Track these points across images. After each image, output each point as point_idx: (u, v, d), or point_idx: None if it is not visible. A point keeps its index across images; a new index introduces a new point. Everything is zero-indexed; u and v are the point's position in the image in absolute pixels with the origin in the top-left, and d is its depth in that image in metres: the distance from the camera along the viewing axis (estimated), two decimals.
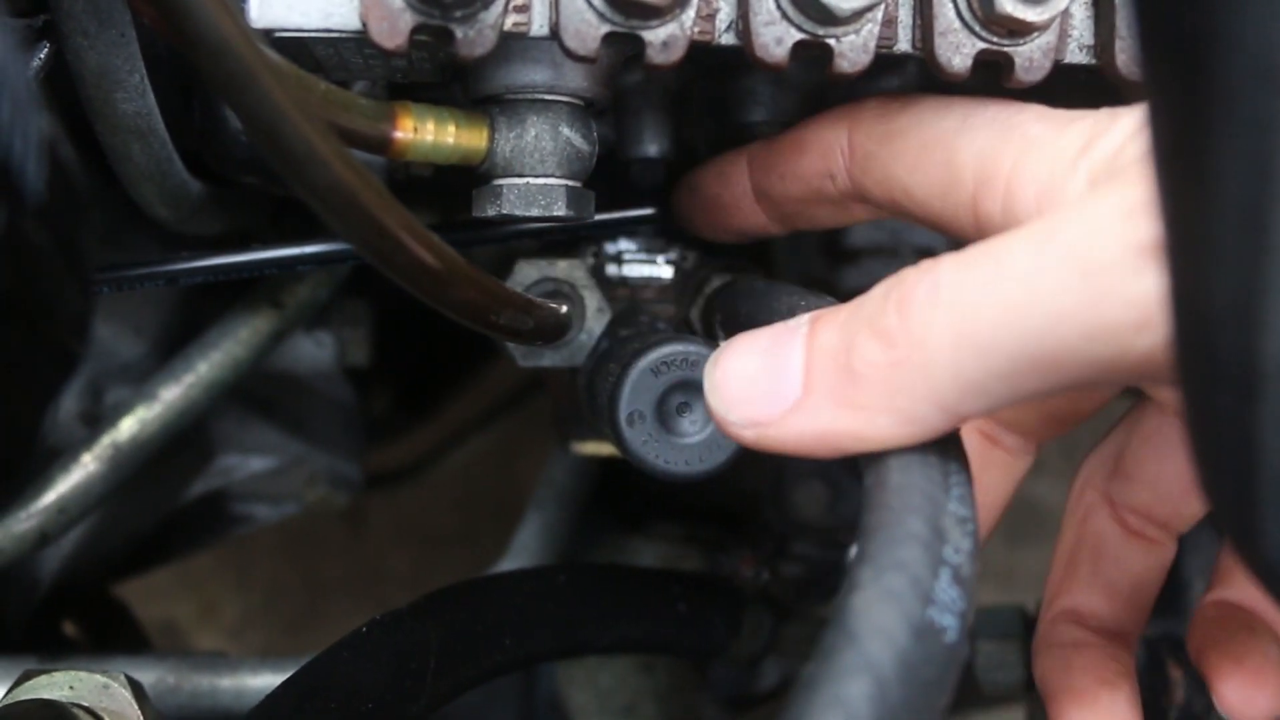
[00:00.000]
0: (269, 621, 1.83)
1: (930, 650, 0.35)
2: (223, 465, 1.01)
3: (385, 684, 0.65)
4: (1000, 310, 0.41)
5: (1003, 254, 0.42)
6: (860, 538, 0.39)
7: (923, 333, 0.42)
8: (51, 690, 0.64)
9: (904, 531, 0.38)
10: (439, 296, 0.50)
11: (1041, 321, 0.40)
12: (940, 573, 0.37)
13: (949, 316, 0.42)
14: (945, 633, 0.36)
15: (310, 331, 1.01)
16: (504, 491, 1.68)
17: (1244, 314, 0.29)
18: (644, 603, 0.80)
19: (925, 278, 0.43)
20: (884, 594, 0.36)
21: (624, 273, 0.75)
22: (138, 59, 0.60)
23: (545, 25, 0.54)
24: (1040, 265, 0.40)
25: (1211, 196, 0.28)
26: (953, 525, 0.39)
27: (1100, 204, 0.40)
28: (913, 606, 0.36)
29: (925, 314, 0.43)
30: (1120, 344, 0.39)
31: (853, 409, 0.44)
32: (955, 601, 0.37)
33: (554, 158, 0.59)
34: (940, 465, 0.42)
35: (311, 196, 0.43)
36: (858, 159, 0.59)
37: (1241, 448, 0.31)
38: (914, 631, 0.35)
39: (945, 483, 0.41)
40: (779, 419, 0.46)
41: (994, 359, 0.41)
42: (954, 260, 0.43)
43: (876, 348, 0.43)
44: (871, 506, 0.41)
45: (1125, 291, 0.38)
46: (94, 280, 0.68)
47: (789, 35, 0.55)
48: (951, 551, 0.38)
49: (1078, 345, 0.40)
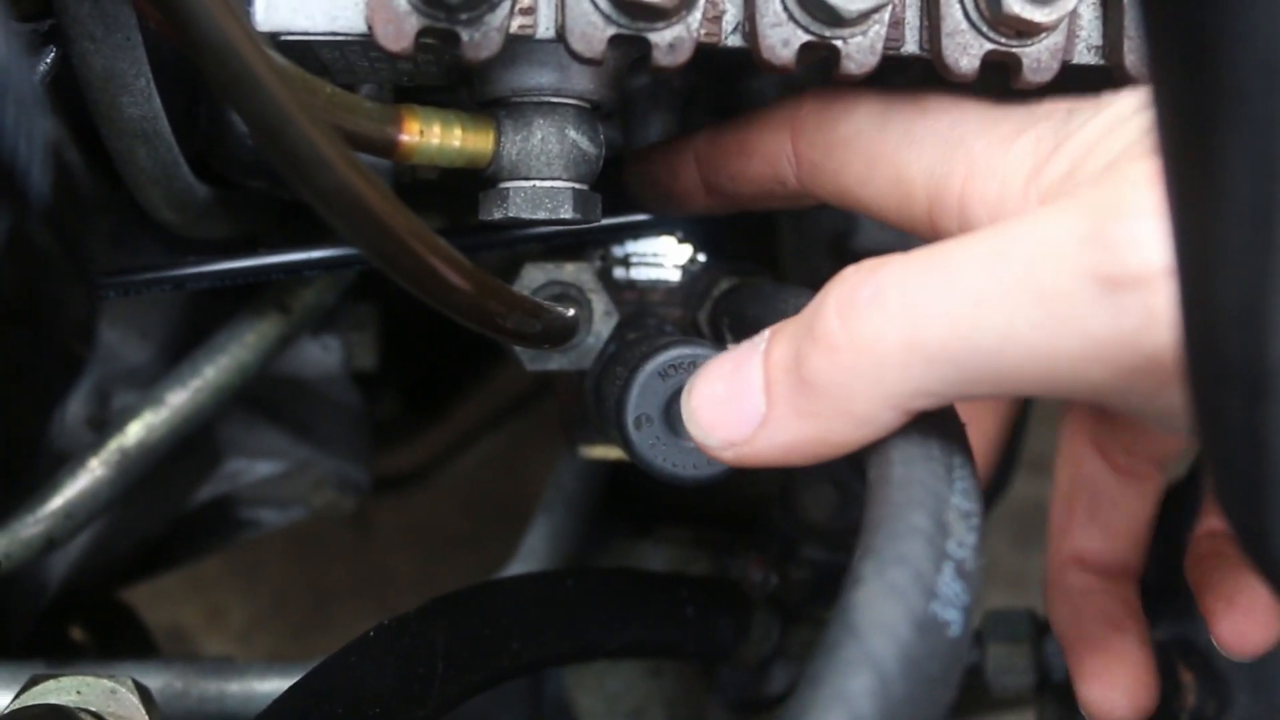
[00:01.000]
0: (276, 626, 1.83)
1: (933, 645, 0.35)
2: (230, 470, 1.01)
3: (392, 688, 0.65)
4: (951, 323, 0.41)
5: (954, 265, 0.42)
6: (863, 533, 0.39)
7: (869, 337, 0.43)
8: (59, 695, 0.64)
9: (907, 526, 0.38)
10: (445, 300, 0.50)
11: (994, 340, 0.41)
12: (943, 567, 0.37)
13: (896, 323, 0.42)
14: (948, 627, 0.36)
15: (317, 336, 1.01)
16: (511, 495, 1.68)
17: (1252, 316, 0.29)
18: (652, 607, 0.80)
19: (869, 280, 0.44)
20: (886, 588, 0.36)
21: (631, 276, 0.75)
22: (144, 63, 0.60)
23: (551, 28, 0.54)
24: (994, 285, 0.41)
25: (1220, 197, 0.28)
26: (956, 519, 0.39)
27: (1054, 227, 0.41)
28: (915, 601, 0.35)
29: (870, 319, 0.43)
30: (1074, 373, 0.40)
31: (811, 418, 0.45)
32: (959, 596, 0.36)
33: (560, 160, 0.59)
34: (944, 459, 0.42)
35: (317, 200, 0.42)
36: (805, 168, 0.60)
37: (1250, 450, 0.31)
38: (917, 626, 0.35)
39: (949, 477, 0.41)
40: (751, 437, 0.47)
41: (943, 368, 0.42)
42: (901, 264, 0.43)
43: (822, 357, 0.44)
44: (874, 502, 0.40)
45: (1082, 324, 0.39)
46: (100, 284, 0.68)
47: (796, 37, 0.55)
48: (955, 545, 0.38)
49: (1029, 367, 0.40)
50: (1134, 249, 0.38)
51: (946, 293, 0.42)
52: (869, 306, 0.43)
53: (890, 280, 0.43)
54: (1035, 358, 0.40)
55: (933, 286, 0.42)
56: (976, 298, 0.41)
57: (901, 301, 0.42)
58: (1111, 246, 0.38)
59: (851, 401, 0.43)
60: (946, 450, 0.43)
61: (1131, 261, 0.38)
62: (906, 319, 0.42)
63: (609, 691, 0.99)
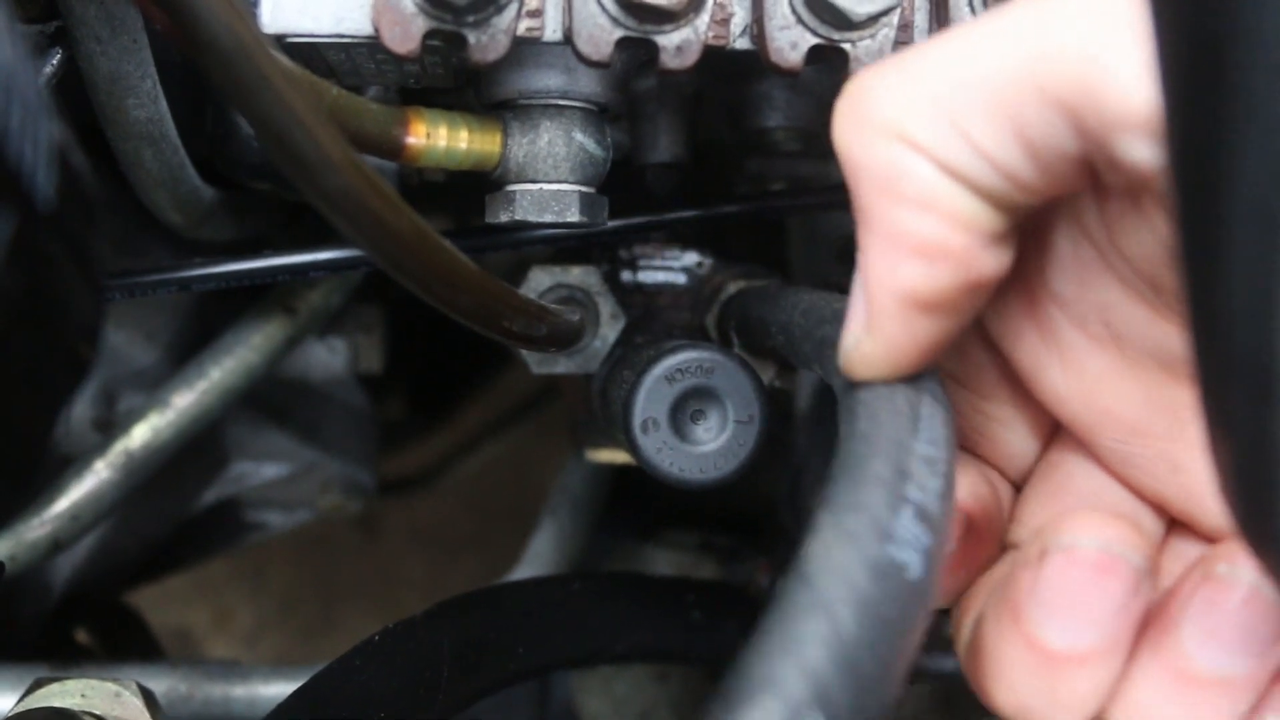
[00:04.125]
0: (283, 628, 1.83)
1: (890, 588, 0.33)
2: (236, 472, 1.01)
3: (398, 692, 0.65)
4: (944, 64, 0.40)
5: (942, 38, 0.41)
6: (824, 487, 0.38)
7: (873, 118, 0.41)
8: (63, 698, 0.64)
9: (864, 474, 0.37)
10: (452, 303, 0.50)
11: (992, 65, 0.39)
12: (900, 510, 0.35)
13: (892, 93, 0.41)
14: (906, 569, 0.34)
15: (323, 338, 1.01)
16: (518, 498, 1.68)
17: (1260, 314, 0.29)
18: (658, 611, 0.80)
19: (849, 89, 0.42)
20: (840, 535, 0.34)
21: (639, 279, 0.75)
22: (150, 65, 0.60)
23: (558, 30, 0.54)
24: (986, 26, 0.39)
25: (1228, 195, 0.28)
26: (919, 465, 0.37)
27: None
28: (869, 544, 0.34)
29: (866, 100, 0.41)
30: (1056, 74, 0.38)
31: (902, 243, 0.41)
32: (918, 538, 0.35)
33: (567, 163, 0.59)
34: (909, 410, 0.41)
35: (323, 202, 0.42)
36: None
37: (1257, 449, 0.30)
38: (871, 569, 0.33)
39: (914, 426, 0.40)
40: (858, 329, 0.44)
41: (959, 102, 0.39)
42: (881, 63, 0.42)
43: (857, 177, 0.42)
44: (837, 457, 0.40)
45: (1073, 9, 0.37)
46: (106, 286, 0.68)
47: (804, 40, 0.55)
48: (915, 489, 0.36)
49: (1022, 73, 0.38)
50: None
51: (938, 51, 0.40)
52: (853, 105, 0.41)
53: (869, 78, 0.41)
54: (1031, 51, 0.38)
55: (922, 55, 0.41)
56: (976, 30, 0.40)
57: (889, 80, 0.41)
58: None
59: (906, 187, 0.40)
60: (913, 400, 0.41)
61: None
62: (900, 87, 0.40)
63: (616, 695, 0.99)
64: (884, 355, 0.43)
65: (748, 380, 0.58)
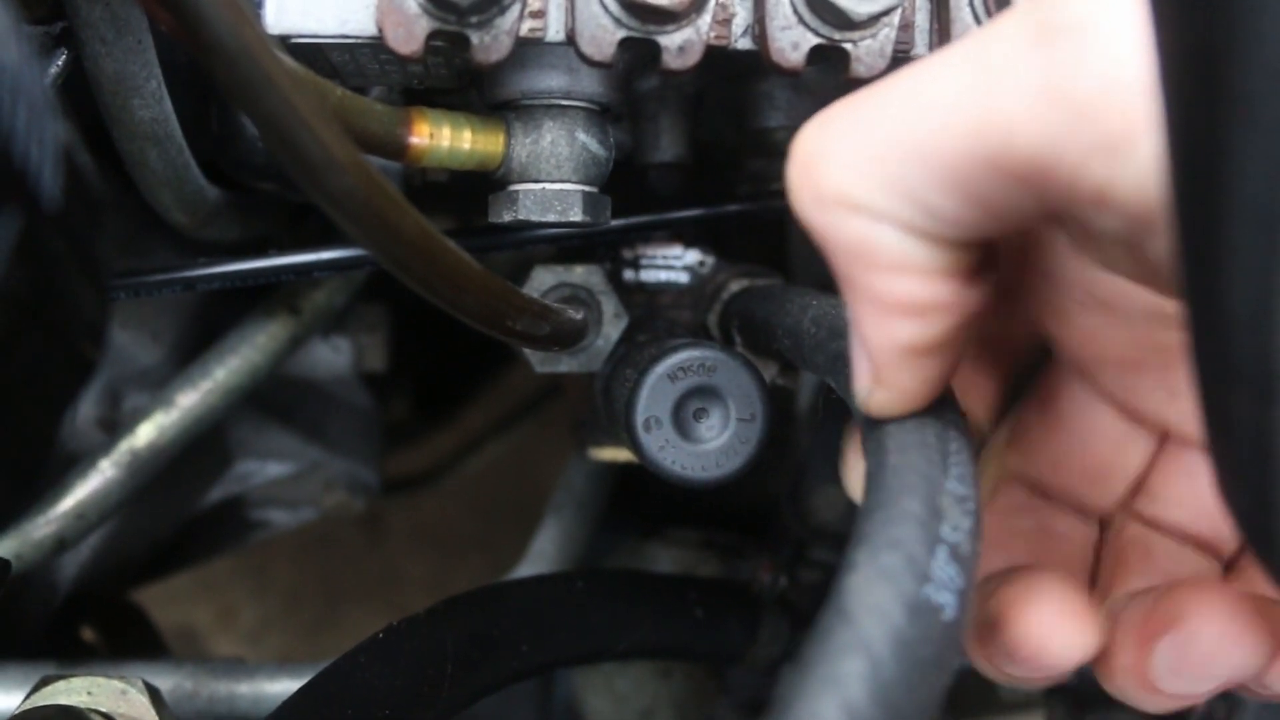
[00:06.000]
0: (287, 627, 1.83)
1: (927, 628, 0.34)
2: (240, 471, 1.01)
3: (402, 690, 0.65)
4: (897, 122, 0.39)
5: (898, 77, 0.40)
6: (857, 520, 0.39)
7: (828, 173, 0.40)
8: (69, 696, 0.64)
9: (899, 511, 0.38)
10: (455, 302, 0.50)
11: (940, 117, 0.38)
12: (937, 550, 0.36)
13: (845, 143, 0.40)
14: (942, 610, 0.35)
15: (327, 337, 1.01)
16: (521, 497, 1.68)
17: (1260, 317, 0.29)
18: (661, 608, 0.80)
19: (808, 138, 0.41)
20: (879, 573, 0.35)
21: (641, 278, 0.75)
22: (155, 65, 0.60)
23: (561, 31, 0.54)
24: (940, 69, 0.39)
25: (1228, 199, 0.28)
26: (951, 504, 0.38)
27: (1003, 20, 0.38)
28: (908, 584, 0.35)
29: (819, 161, 0.41)
30: (1010, 132, 0.37)
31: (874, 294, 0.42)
32: (953, 579, 0.36)
33: (570, 163, 0.59)
34: (939, 445, 0.41)
35: (327, 202, 0.42)
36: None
37: (1258, 451, 0.31)
38: (909, 609, 0.34)
39: (944, 462, 0.41)
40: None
41: (906, 166, 0.39)
42: (839, 107, 0.41)
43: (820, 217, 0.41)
44: (869, 489, 0.40)
45: (1016, 81, 0.37)
46: (111, 286, 0.68)
47: (805, 40, 0.55)
48: (949, 529, 0.37)
49: (971, 135, 0.38)
50: (1067, 2, 0.36)
51: (886, 97, 0.40)
52: (815, 157, 0.41)
53: (831, 124, 0.41)
54: (975, 122, 0.37)
55: (871, 103, 0.40)
56: (920, 90, 0.39)
57: (844, 127, 0.40)
58: (1048, 4, 0.37)
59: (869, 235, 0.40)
60: (941, 436, 0.42)
61: (1065, 12, 0.36)
62: (856, 133, 0.40)
63: (618, 693, 0.99)
64: (899, 400, 0.44)
65: (750, 378, 0.58)
